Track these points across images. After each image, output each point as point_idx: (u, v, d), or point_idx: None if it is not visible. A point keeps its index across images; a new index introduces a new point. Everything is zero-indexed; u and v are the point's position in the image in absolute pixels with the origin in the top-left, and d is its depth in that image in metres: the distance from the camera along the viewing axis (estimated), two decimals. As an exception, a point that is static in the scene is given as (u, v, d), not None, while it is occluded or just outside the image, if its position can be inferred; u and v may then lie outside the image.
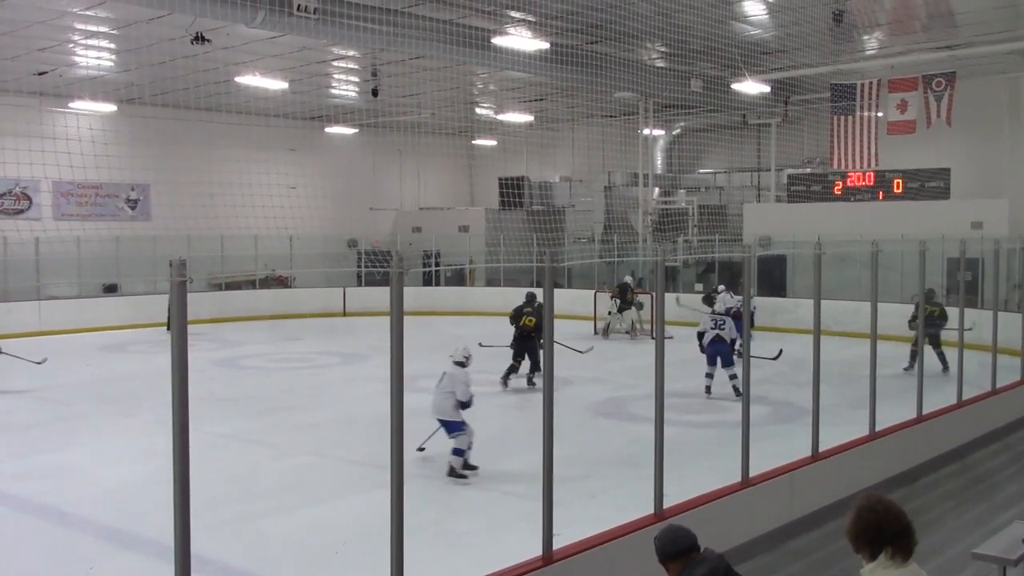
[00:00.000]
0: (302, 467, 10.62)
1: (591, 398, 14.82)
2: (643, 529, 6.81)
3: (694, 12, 17.94)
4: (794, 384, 15.24)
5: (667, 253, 18.93)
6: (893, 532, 3.34)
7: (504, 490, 9.81)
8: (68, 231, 24.99)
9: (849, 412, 11.54)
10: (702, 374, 15.09)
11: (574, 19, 18.30)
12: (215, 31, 16.89)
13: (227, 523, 8.45)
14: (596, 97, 27.15)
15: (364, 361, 18.92)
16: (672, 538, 4.22)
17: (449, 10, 17.76)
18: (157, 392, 13.72)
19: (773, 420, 12.83)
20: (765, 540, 8.10)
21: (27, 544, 8.26)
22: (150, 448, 11.31)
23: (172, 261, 4.31)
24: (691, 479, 8.45)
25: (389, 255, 27.48)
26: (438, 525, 8.45)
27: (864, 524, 3.36)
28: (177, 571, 4.47)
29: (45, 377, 17.24)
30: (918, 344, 11.89)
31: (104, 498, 9.58)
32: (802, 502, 8.70)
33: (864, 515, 3.38)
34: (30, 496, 9.58)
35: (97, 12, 17.38)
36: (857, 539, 3.36)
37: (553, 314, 6.43)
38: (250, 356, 19.98)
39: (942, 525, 8.91)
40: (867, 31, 20.80)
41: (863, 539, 3.35)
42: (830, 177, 25.88)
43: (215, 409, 13.19)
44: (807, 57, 22.74)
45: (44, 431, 12.88)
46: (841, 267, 20.52)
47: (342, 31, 15.66)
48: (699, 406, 14.07)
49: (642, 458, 8.55)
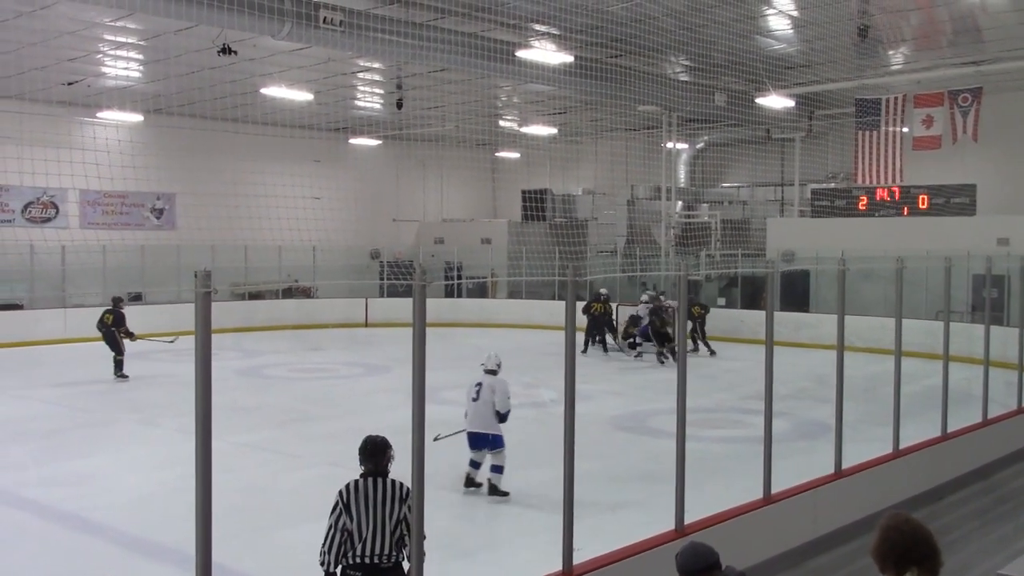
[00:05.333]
0: (323, 478, 10.62)
1: (611, 412, 14.78)
2: (664, 545, 6.77)
3: (719, 26, 17.93)
4: (817, 400, 15.17)
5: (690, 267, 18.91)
6: (920, 553, 3.30)
7: (523, 504, 9.78)
8: (94, 240, 25.26)
9: (872, 429, 11.43)
10: (722, 389, 15.03)
11: (598, 33, 18.32)
12: (241, 43, 17.02)
13: (247, 532, 8.47)
14: (619, 110, 27.13)
15: (386, 372, 18.96)
16: (694, 555, 4.19)
17: (473, 23, 17.82)
18: (179, 401, 13.88)
19: (795, 436, 12.75)
20: (787, 558, 8.03)
21: (50, 551, 8.31)
22: (172, 456, 11.37)
23: (197, 271, 4.32)
24: (712, 495, 8.40)
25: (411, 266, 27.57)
26: (456, 539, 8.43)
27: (891, 544, 3.32)
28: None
29: (69, 385, 17.39)
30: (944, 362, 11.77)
31: (126, 506, 9.63)
32: (825, 520, 8.63)
33: (891, 535, 3.34)
34: (53, 503, 9.65)
35: (126, 23, 17.56)
36: (884, 559, 3.33)
37: (574, 327, 6.41)
38: (272, 366, 20.06)
39: (967, 545, 8.80)
40: (892, 46, 20.70)
41: (889, 559, 3.31)
42: (854, 192, 25.74)
43: (237, 418, 13.24)
44: (832, 72, 22.65)
45: (67, 438, 12.97)
46: (865, 283, 20.40)
47: (367, 43, 15.74)
48: (720, 421, 13.99)
49: (662, 473, 8.53)
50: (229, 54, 16.40)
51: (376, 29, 15.65)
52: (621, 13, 17.13)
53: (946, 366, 11.50)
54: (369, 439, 5.63)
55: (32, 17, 16.73)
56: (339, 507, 5.34)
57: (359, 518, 5.29)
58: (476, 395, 9.79)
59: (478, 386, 9.82)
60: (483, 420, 9.73)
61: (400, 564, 5.40)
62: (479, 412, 9.74)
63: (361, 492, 5.37)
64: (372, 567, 5.31)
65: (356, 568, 5.31)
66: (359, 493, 5.36)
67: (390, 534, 5.32)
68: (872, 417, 12.47)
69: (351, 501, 5.33)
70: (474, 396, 9.80)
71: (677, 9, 17.09)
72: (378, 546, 5.30)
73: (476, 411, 9.76)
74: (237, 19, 13.92)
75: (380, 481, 5.43)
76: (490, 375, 9.92)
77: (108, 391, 17.00)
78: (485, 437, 9.79)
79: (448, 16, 17.30)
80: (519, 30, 18.49)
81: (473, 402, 9.79)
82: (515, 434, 13.20)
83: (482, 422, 9.74)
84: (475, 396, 9.79)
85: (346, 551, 5.32)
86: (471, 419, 9.82)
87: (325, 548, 5.32)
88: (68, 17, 16.89)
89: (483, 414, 9.72)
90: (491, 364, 10.03)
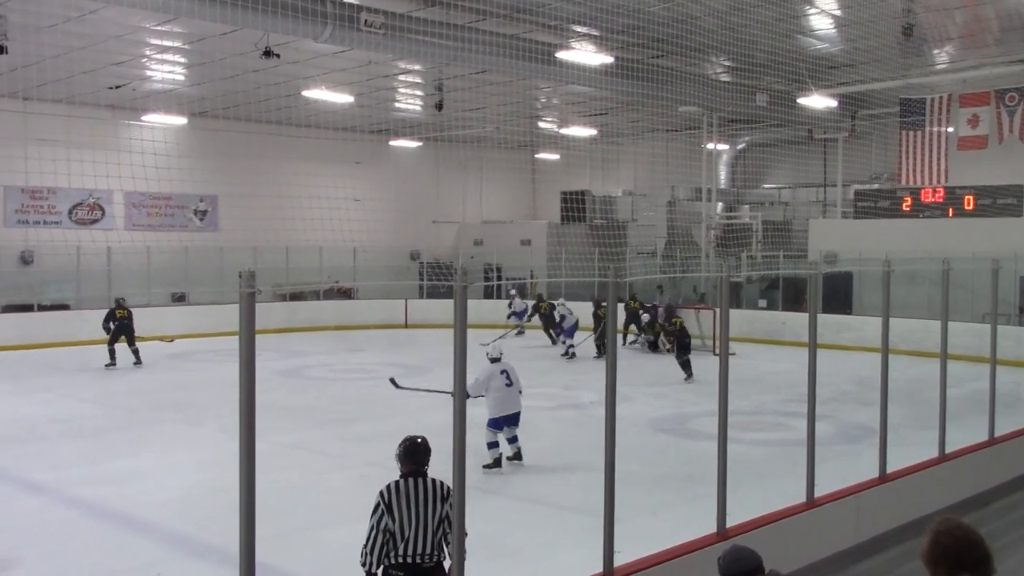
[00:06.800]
0: (363, 478, 10.68)
1: (651, 414, 14.71)
2: (705, 548, 6.72)
3: (760, 26, 17.80)
4: (859, 403, 15.00)
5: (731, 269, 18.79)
6: (973, 558, 3.24)
7: (561, 505, 9.77)
8: (141, 241, 25.62)
9: (917, 433, 11.28)
10: (762, 392, 14.91)
11: (639, 33, 18.26)
12: (283, 46, 17.19)
13: (289, 532, 8.53)
14: (660, 111, 27.05)
15: (426, 373, 19.00)
16: (737, 558, 4.15)
17: (513, 25, 17.84)
18: (222, 401, 14.03)
19: (838, 439, 12.60)
20: (831, 563, 7.94)
21: (97, 548, 8.42)
22: (214, 456, 11.49)
23: (241, 272, 4.36)
24: (753, 498, 8.33)
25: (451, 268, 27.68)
26: (497, 539, 8.44)
27: (943, 550, 3.27)
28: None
29: (114, 384, 17.65)
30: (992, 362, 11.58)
31: (170, 504, 9.75)
32: (869, 524, 8.52)
33: (943, 540, 3.28)
34: (99, 501, 9.79)
35: (170, 27, 17.80)
36: (936, 565, 3.27)
37: (615, 328, 6.40)
38: (313, 366, 20.20)
39: (1015, 551, 8.65)
40: (938, 45, 20.43)
41: (942, 565, 3.26)
42: (898, 193, 25.43)
43: (278, 419, 13.34)
44: (876, 71, 22.40)
45: (113, 438, 13.16)
46: (910, 285, 20.13)
47: (408, 46, 15.83)
48: (760, 424, 13.87)
49: (703, 475, 8.47)
50: (271, 57, 16.57)
51: (416, 31, 15.73)
52: (662, 13, 17.07)
53: (993, 369, 11.32)
54: (410, 439, 5.67)
55: (79, 22, 17.02)
56: (381, 508, 5.36)
57: (401, 518, 5.31)
58: (509, 381, 10.83)
59: (504, 373, 10.83)
60: (518, 400, 10.93)
61: (442, 563, 5.41)
62: (514, 395, 10.87)
63: (403, 492, 5.38)
64: (414, 567, 5.33)
65: (398, 568, 5.33)
66: (401, 493, 5.38)
67: (432, 534, 5.34)
68: (917, 421, 12.31)
69: (393, 501, 5.35)
70: (507, 382, 10.81)
71: (718, 9, 17.00)
72: (420, 546, 5.32)
73: (511, 394, 10.84)
74: (280, 22, 14.07)
75: (421, 481, 5.45)
76: (499, 362, 10.94)
77: (152, 391, 17.22)
78: (518, 415, 10.98)
79: (488, 18, 17.35)
80: (559, 31, 18.49)
81: (508, 387, 10.79)
82: (554, 436, 13.24)
83: (518, 402, 10.93)
84: (508, 382, 10.82)
85: (388, 551, 5.34)
86: (509, 402, 10.81)
87: (367, 549, 5.34)
88: (114, 22, 17.17)
89: (516, 396, 10.92)
90: (496, 353, 11.06)
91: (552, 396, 16.03)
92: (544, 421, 14.77)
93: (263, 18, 13.85)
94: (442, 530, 5.36)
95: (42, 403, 15.83)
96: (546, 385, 16.79)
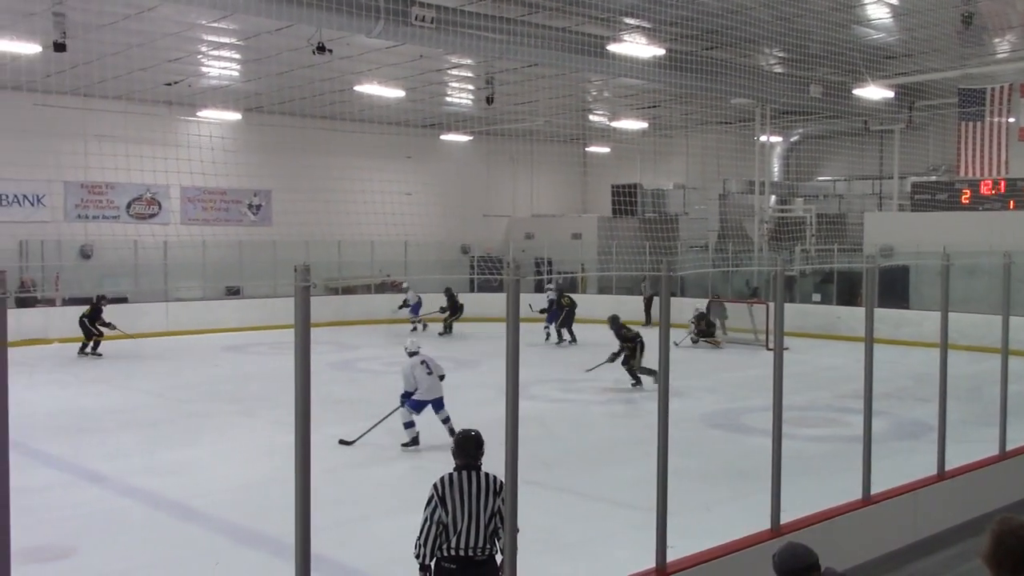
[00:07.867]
0: (415, 470, 10.75)
1: (703, 409, 14.61)
2: (760, 544, 6.67)
3: (814, 16, 17.54)
4: (917, 399, 14.76)
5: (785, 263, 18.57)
6: (1037, 559, 3.18)
7: (613, 500, 9.74)
8: (197, 235, 26.02)
9: (976, 430, 11.08)
10: (817, 387, 14.73)
11: (691, 25, 18.10)
12: (336, 41, 17.30)
13: (342, 524, 8.62)
14: (712, 103, 26.80)
15: (476, 366, 19.06)
16: (792, 555, 4.10)
17: (564, 18, 17.78)
18: (276, 392, 14.19)
19: (895, 436, 12.42)
20: (887, 560, 7.84)
21: (154, 537, 8.57)
22: (269, 447, 11.63)
23: (297, 267, 4.41)
24: (808, 494, 8.23)
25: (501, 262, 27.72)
26: (549, 533, 8.44)
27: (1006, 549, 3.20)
28: (297, 569, 4.57)
29: (170, 376, 17.95)
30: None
31: (226, 494, 9.90)
32: (927, 522, 8.39)
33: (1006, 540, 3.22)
34: (156, 490, 9.96)
35: (225, 24, 18.01)
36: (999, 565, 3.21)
37: (669, 323, 6.35)
38: (365, 359, 20.36)
39: (1078, 552, 8.45)
40: (998, 33, 19.97)
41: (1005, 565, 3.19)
42: (957, 185, 24.94)
43: (331, 411, 13.47)
44: (934, 61, 21.96)
45: (170, 428, 13.39)
46: (969, 279, 19.75)
47: (458, 40, 15.85)
48: (815, 420, 13.70)
49: (756, 471, 8.39)
50: (324, 52, 16.69)
51: (467, 25, 15.74)
52: (713, 4, 16.89)
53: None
54: (463, 433, 5.69)
55: (137, 19, 17.29)
56: (434, 500, 5.39)
57: (454, 511, 5.34)
58: (429, 370, 11.72)
59: (424, 363, 11.70)
60: (439, 386, 11.83)
61: (494, 557, 5.43)
62: (435, 381, 11.76)
63: (456, 485, 5.41)
64: (467, 559, 5.35)
65: (451, 560, 5.36)
66: (454, 486, 5.41)
67: (484, 527, 5.36)
68: (976, 417, 12.09)
69: (446, 494, 5.38)
70: (428, 371, 11.70)
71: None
72: (472, 539, 5.34)
73: (433, 381, 11.73)
74: (332, 18, 14.16)
75: (474, 474, 5.47)
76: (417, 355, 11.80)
77: (207, 383, 17.48)
78: (442, 399, 11.85)
79: (539, 11, 17.30)
80: (610, 24, 18.38)
81: (428, 376, 11.67)
82: (606, 431, 13.21)
83: (439, 388, 11.82)
84: (429, 371, 11.71)
85: (441, 544, 5.36)
86: (432, 388, 11.71)
87: (421, 541, 5.37)
88: (170, 19, 17.41)
89: (438, 382, 11.82)
90: (414, 347, 11.96)
91: (602, 390, 16.00)
92: (595, 415, 14.76)
93: (316, 13, 13.96)
94: (494, 524, 5.38)
95: (99, 395, 16.17)
96: (594, 379, 16.74)
